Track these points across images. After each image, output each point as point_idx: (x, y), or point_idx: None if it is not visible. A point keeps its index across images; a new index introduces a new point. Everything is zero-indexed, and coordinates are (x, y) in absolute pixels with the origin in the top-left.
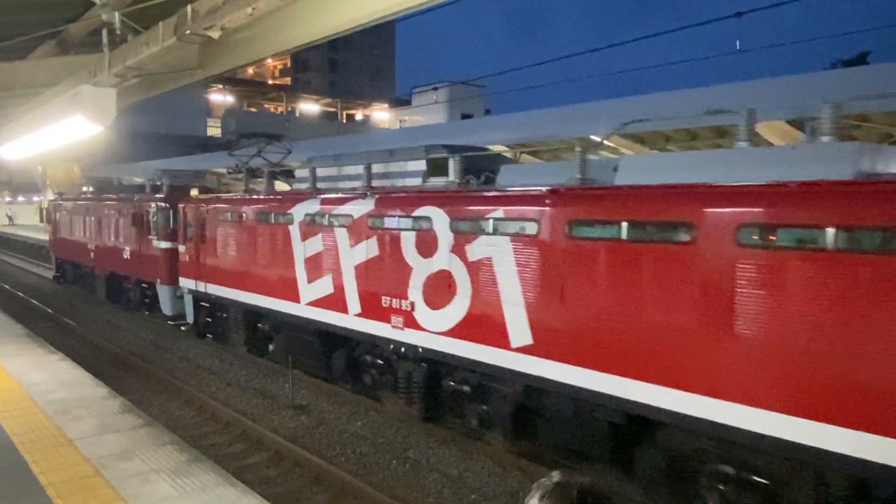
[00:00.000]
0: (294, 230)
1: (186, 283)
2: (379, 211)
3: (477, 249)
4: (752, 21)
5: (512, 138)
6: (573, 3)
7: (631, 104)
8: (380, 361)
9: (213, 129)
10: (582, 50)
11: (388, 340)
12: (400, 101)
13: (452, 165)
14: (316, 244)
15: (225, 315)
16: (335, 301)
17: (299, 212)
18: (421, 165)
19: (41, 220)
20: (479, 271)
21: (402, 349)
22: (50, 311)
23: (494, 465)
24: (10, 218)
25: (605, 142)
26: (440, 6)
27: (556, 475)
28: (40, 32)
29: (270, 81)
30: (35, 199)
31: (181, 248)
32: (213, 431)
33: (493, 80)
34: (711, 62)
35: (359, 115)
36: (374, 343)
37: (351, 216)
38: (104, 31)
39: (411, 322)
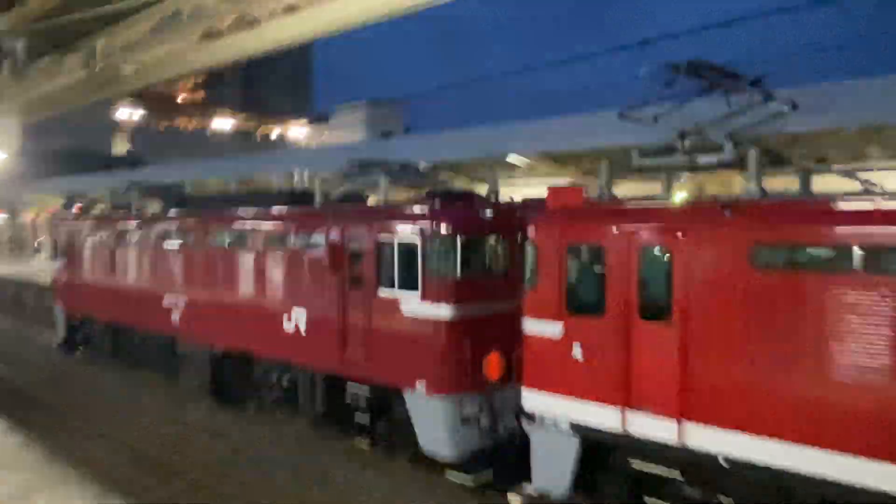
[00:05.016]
0: None
1: (568, 407)
2: None
3: None
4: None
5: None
6: (498, 23)
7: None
8: None
9: (120, 147)
10: (505, 70)
11: None
12: (318, 118)
13: None
14: None
15: None
16: None
17: None
18: None
19: None
20: None
21: None
22: None
23: (421, 487)
24: None
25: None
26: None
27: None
28: None
29: (182, 96)
30: None
31: (550, 329)
32: (124, 463)
33: (414, 97)
34: (620, 86)
35: (274, 133)
36: None
37: None
38: (6, 62)
39: None
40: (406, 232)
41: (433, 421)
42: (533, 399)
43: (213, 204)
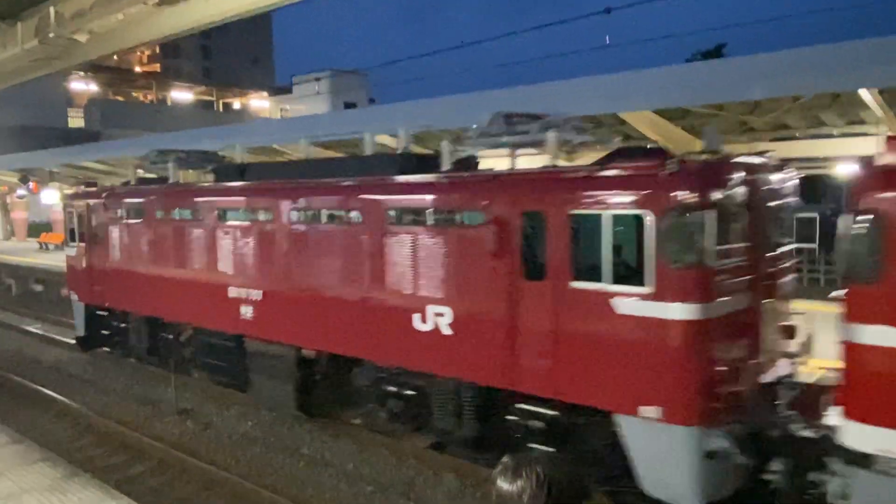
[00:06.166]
0: None
1: None
2: None
3: None
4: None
5: None
6: None
7: (517, 94)
8: None
9: (76, 121)
10: (469, 40)
11: None
12: (279, 90)
13: None
14: None
15: None
16: None
17: None
18: None
19: None
20: None
21: None
22: None
23: (390, 456)
24: None
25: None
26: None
27: (507, 458)
28: None
29: (138, 68)
30: None
31: None
32: (89, 444)
33: (377, 68)
34: (583, 55)
35: (236, 104)
36: None
37: None
38: None
39: None
40: (625, 203)
41: (669, 458)
42: (870, 436)
43: (298, 172)
